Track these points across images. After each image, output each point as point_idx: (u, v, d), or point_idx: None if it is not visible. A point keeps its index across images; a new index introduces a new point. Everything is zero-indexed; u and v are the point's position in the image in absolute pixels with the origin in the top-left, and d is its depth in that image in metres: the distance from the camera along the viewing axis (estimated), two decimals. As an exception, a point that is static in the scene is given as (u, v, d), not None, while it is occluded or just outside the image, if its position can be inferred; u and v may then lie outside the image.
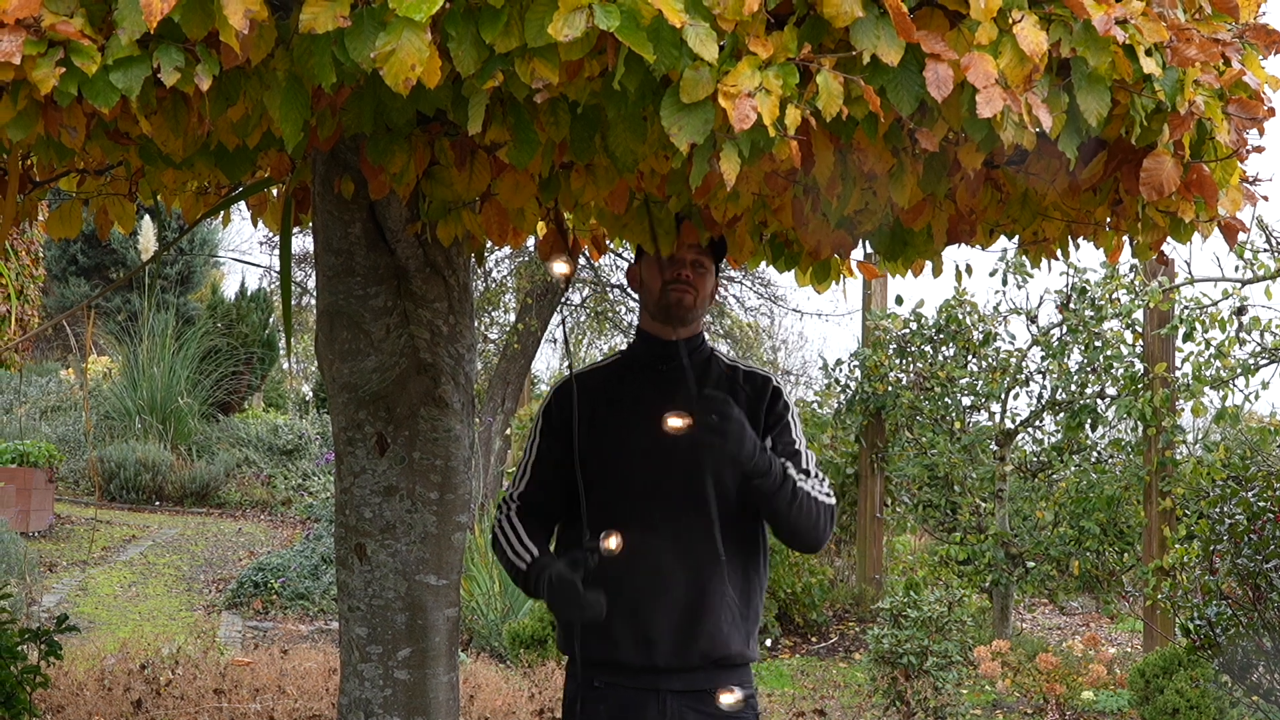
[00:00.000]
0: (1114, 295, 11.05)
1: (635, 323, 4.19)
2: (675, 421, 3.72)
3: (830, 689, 10.23)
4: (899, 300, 12.97)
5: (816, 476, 3.93)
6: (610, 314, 17.78)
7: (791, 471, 3.82)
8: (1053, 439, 12.23)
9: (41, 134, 2.71)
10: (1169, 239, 3.53)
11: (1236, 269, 9.85)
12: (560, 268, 4.02)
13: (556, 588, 3.71)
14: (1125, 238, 3.74)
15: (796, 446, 3.97)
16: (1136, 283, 10.83)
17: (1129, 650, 11.90)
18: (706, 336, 4.17)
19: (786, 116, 2.58)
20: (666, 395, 3.91)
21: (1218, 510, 8.53)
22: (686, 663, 3.83)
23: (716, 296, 4.13)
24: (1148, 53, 2.87)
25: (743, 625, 3.93)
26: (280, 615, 12.03)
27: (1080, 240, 3.89)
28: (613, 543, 3.70)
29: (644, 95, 2.62)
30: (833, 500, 3.94)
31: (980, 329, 12.45)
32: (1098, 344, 11.16)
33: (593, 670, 3.89)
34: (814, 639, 12.11)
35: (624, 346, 4.21)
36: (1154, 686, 8.64)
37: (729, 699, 3.80)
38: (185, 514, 17.32)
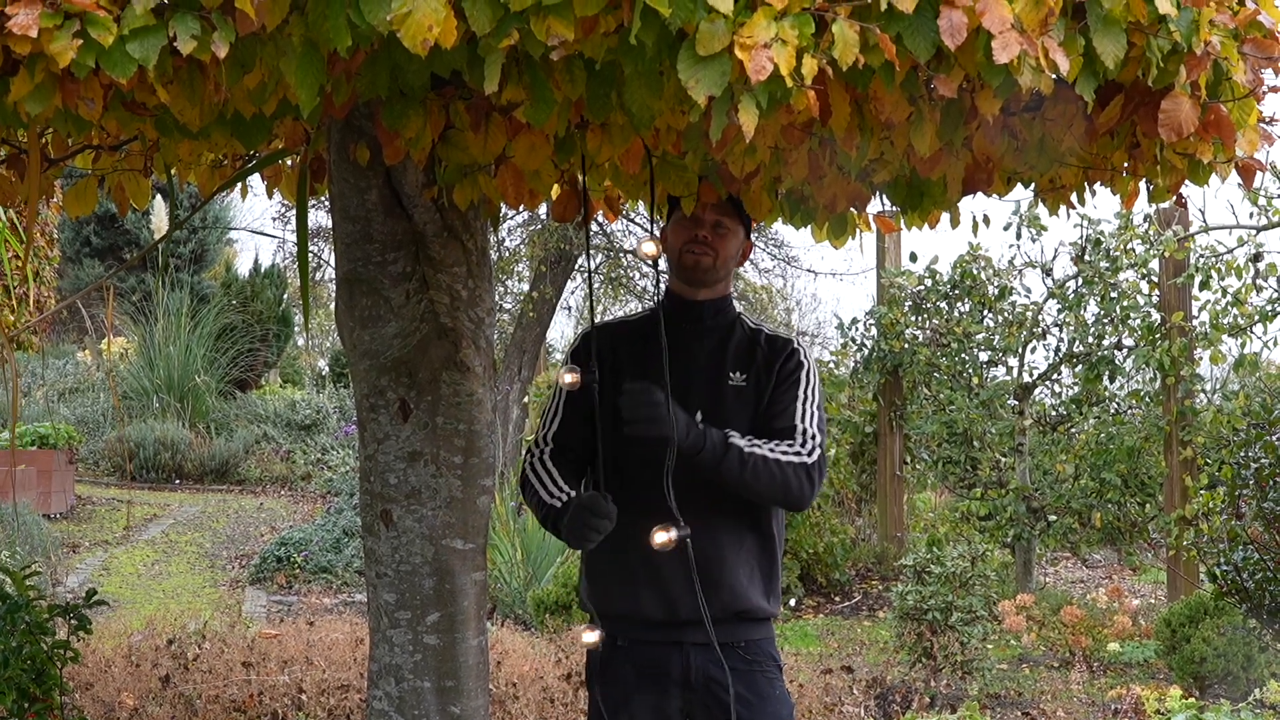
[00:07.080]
0: (1129, 245, 11.00)
1: (649, 287, 4.19)
2: (661, 537, 3.71)
3: (856, 647, 10.25)
4: (913, 257, 12.95)
5: (804, 436, 3.89)
6: (625, 280, 17.75)
7: (738, 441, 3.78)
8: (1071, 391, 12.21)
9: (59, 107, 2.72)
10: (1186, 181, 3.52)
11: (1251, 215, 9.83)
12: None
13: (585, 503, 3.73)
14: (1142, 183, 3.74)
15: (790, 405, 3.94)
16: (1151, 232, 10.78)
17: (1153, 601, 11.90)
18: (735, 301, 4.16)
19: (803, 67, 2.58)
20: (689, 356, 3.93)
21: (1242, 455, 8.54)
22: (708, 615, 3.84)
23: (749, 257, 4.09)
24: (1162, -7, 2.86)
25: (761, 580, 3.97)
26: (304, 589, 12.09)
27: (1096, 186, 3.88)
28: (660, 537, 3.71)
29: (660, 50, 2.62)
30: (809, 457, 3.85)
31: (995, 283, 12.41)
32: (1114, 295, 11.12)
33: (616, 626, 3.92)
34: (837, 598, 12.12)
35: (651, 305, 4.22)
36: (1180, 636, 8.64)
37: (662, 537, 3.71)
38: (205, 491, 17.38)
